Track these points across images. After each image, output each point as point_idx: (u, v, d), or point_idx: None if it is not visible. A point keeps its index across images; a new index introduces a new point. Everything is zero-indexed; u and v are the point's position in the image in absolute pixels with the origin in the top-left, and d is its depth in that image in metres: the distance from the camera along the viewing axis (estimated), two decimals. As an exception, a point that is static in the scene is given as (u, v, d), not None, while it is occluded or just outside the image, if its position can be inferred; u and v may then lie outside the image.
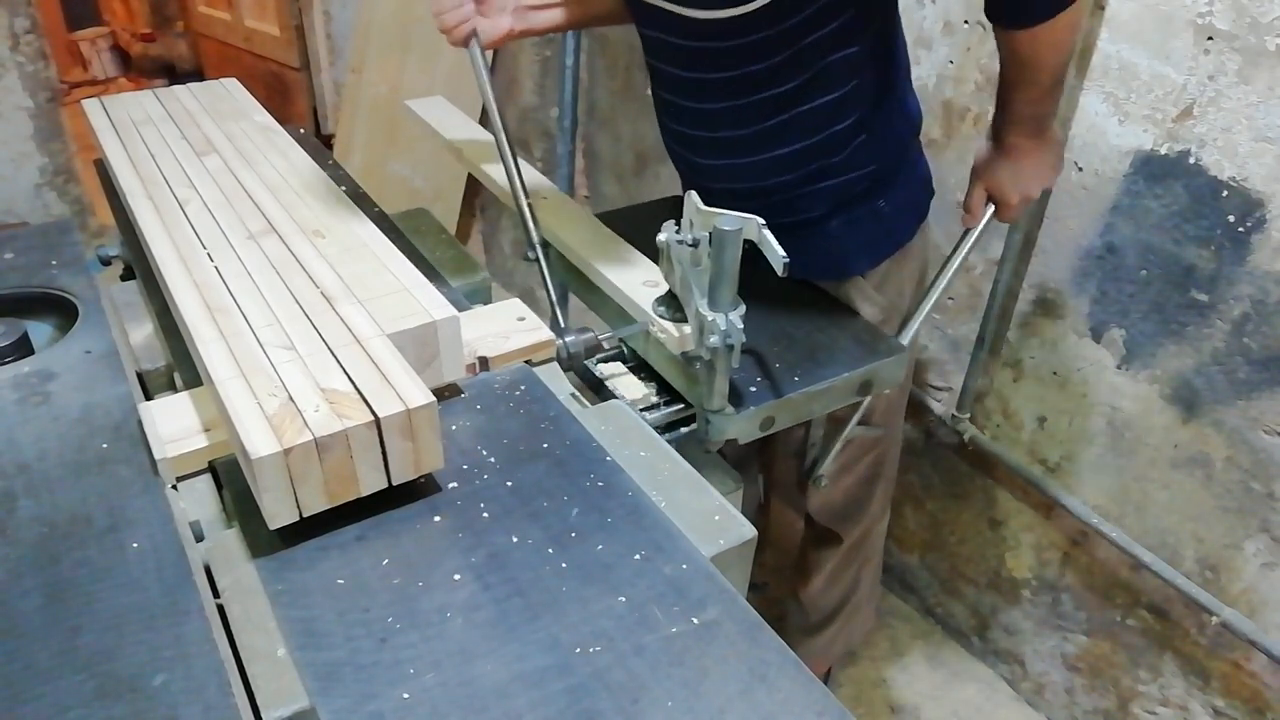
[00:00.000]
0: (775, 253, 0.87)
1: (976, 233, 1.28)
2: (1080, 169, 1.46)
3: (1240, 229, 1.30)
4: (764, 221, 0.89)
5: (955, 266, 1.29)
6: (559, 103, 2.53)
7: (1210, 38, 1.26)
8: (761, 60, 1.13)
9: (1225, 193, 1.30)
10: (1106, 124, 1.41)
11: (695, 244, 0.95)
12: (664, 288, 1.10)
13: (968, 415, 1.77)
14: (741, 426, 1.06)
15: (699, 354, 0.99)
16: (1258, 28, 1.21)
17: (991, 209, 1.27)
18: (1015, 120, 1.18)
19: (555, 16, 1.32)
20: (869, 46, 1.15)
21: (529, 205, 1.23)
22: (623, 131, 2.49)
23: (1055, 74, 1.12)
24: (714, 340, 0.93)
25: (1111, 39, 1.36)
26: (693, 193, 0.96)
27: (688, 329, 1.03)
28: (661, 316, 1.08)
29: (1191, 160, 1.33)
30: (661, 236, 1.00)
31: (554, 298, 1.17)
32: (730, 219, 0.89)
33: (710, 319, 0.93)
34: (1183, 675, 1.60)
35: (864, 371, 1.14)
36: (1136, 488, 1.55)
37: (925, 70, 1.63)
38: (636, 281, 1.15)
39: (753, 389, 1.09)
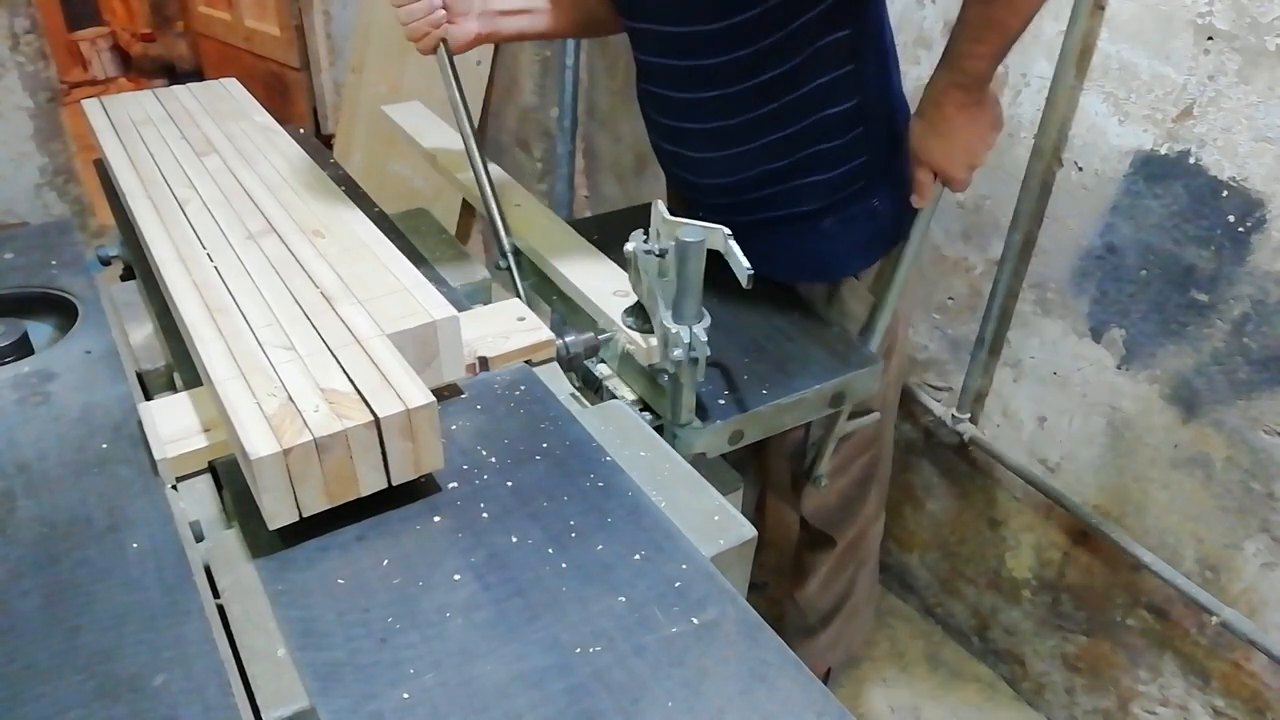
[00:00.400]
0: (740, 264, 0.86)
1: (931, 213, 1.25)
2: (1080, 169, 1.46)
3: (1240, 229, 1.30)
4: (730, 232, 0.87)
5: (914, 250, 1.27)
6: (559, 103, 2.54)
7: (1210, 38, 1.26)
8: (750, 44, 1.12)
9: (1225, 193, 1.30)
10: (1106, 124, 1.41)
11: (662, 254, 0.93)
12: (634, 298, 1.08)
13: (968, 415, 1.76)
14: (709, 440, 1.04)
15: (664, 367, 0.98)
16: (1258, 28, 1.21)
17: (940, 186, 1.23)
18: (959, 80, 1.13)
19: (523, 24, 1.32)
20: (861, 30, 1.14)
21: (500, 213, 1.22)
22: (623, 131, 2.49)
23: (1026, 20, 1.07)
24: (678, 353, 0.92)
25: (1111, 39, 1.36)
26: (659, 201, 0.94)
27: (655, 341, 1.01)
28: (630, 327, 1.06)
29: (1191, 160, 1.33)
30: (629, 246, 0.97)
31: (526, 305, 1.17)
32: (694, 230, 0.87)
33: (674, 332, 0.91)
34: (1183, 675, 1.60)
35: (836, 383, 1.12)
36: (1136, 488, 1.55)
37: (925, 70, 1.62)
38: (607, 291, 1.13)
39: (721, 402, 1.07)
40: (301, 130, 1.43)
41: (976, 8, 1.08)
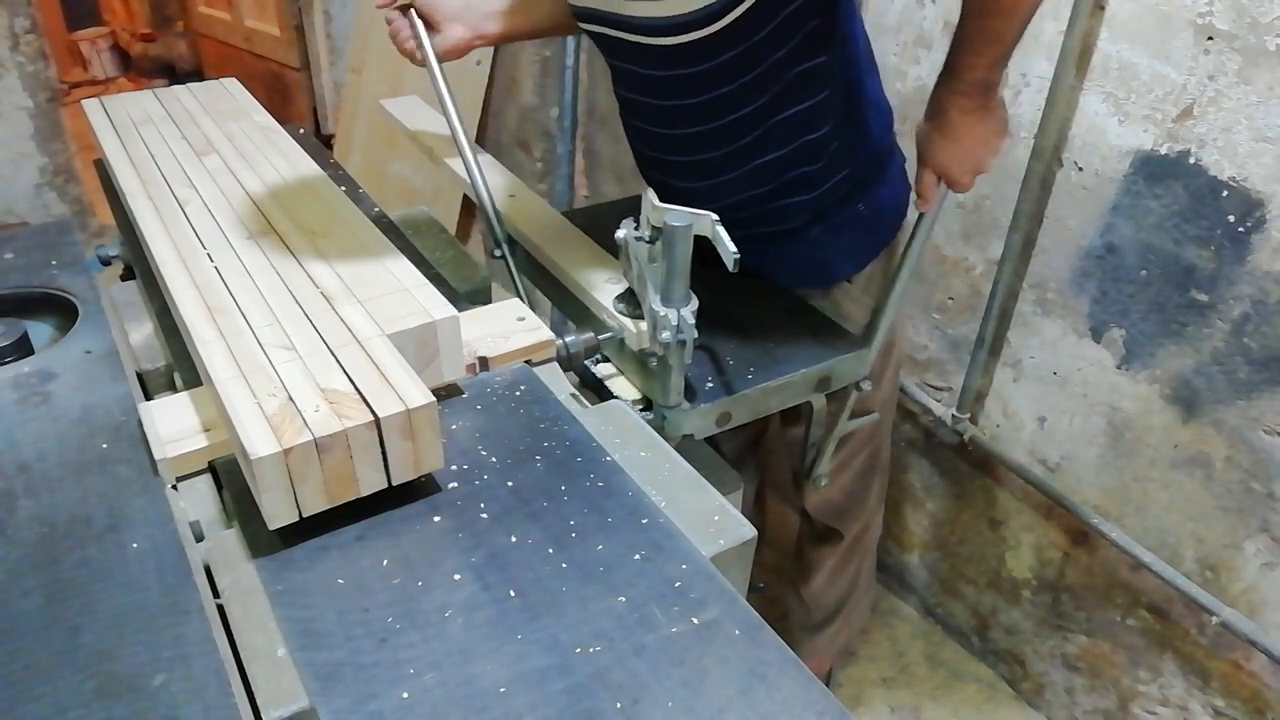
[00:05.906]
0: (727, 249, 0.87)
1: (934, 216, 1.24)
2: (1080, 169, 1.46)
3: (1240, 229, 1.30)
4: (717, 218, 0.89)
5: (916, 253, 1.26)
6: (559, 103, 2.54)
7: (1210, 38, 1.26)
8: (731, 81, 1.12)
9: (1225, 193, 1.30)
10: (1106, 124, 1.41)
11: (652, 240, 0.95)
12: (625, 284, 1.10)
13: (968, 415, 1.76)
14: (697, 422, 1.07)
15: (654, 350, 1.00)
16: (1258, 28, 1.21)
17: (944, 189, 1.21)
18: (963, 89, 1.12)
19: (508, 25, 1.33)
20: (835, 53, 1.14)
21: (493, 202, 1.23)
22: (622, 132, 2.49)
23: (1022, 28, 1.06)
24: (666, 336, 0.94)
25: (1111, 39, 1.36)
26: (650, 190, 0.95)
27: (645, 325, 1.03)
28: (622, 313, 1.08)
29: (1191, 160, 1.33)
30: (620, 233, 1.00)
31: (522, 295, 1.17)
32: (681, 215, 0.90)
33: (663, 315, 0.94)
34: (1183, 675, 1.60)
35: (821, 368, 1.15)
36: (1136, 488, 1.55)
37: (925, 70, 1.63)
38: (600, 279, 1.15)
39: (709, 385, 1.10)
40: (301, 130, 1.43)
41: (972, 21, 1.07)
